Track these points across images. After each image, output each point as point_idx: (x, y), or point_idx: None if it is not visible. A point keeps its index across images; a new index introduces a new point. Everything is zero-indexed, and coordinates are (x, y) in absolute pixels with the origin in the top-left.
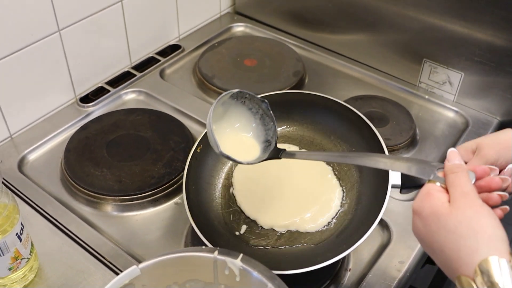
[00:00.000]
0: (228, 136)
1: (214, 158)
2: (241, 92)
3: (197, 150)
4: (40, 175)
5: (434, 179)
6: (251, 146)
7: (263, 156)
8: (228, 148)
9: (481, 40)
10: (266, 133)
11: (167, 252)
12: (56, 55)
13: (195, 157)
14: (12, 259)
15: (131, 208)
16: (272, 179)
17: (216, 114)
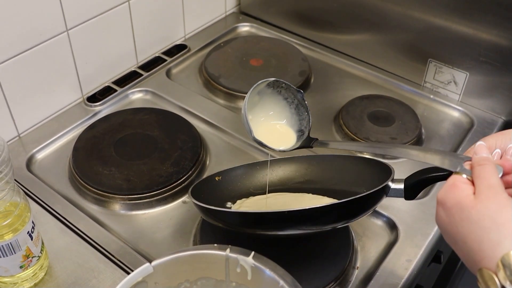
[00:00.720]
0: (262, 124)
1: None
2: (278, 81)
3: (215, 178)
4: (49, 174)
5: (460, 171)
6: (286, 133)
7: (296, 144)
8: (261, 134)
9: (486, 40)
10: (300, 123)
11: (180, 249)
12: (64, 54)
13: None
14: (24, 257)
15: (139, 206)
16: None
17: (251, 102)
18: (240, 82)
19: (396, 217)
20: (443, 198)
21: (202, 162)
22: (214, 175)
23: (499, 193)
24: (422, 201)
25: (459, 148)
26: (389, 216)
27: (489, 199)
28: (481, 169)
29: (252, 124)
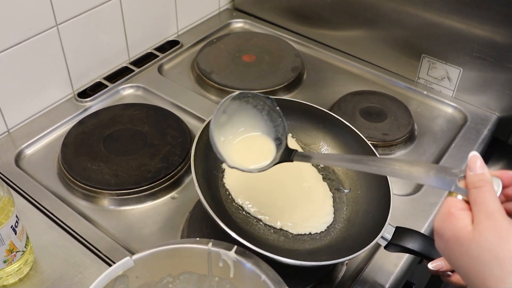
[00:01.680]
0: (237, 144)
1: None
2: (242, 93)
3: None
4: (37, 170)
5: (455, 190)
6: (263, 144)
7: (276, 157)
8: (238, 155)
9: (479, 36)
10: (276, 129)
11: (161, 243)
12: (54, 50)
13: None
14: (7, 252)
15: (127, 202)
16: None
17: (219, 123)
18: (232, 78)
19: None
20: (440, 229)
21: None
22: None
23: (499, 221)
24: (413, 197)
25: (452, 144)
26: None
27: (489, 230)
28: (478, 193)
29: (226, 146)
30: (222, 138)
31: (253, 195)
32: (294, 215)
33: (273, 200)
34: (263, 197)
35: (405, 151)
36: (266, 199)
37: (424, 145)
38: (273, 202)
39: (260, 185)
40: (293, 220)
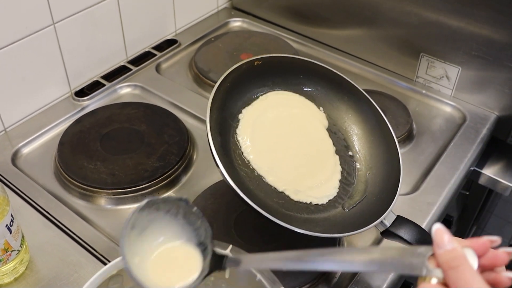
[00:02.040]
0: (156, 258)
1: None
2: (150, 201)
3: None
4: (34, 169)
5: (428, 274)
6: (186, 256)
7: (205, 267)
8: (158, 274)
9: (478, 34)
10: (197, 233)
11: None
12: (51, 48)
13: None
14: (2, 251)
15: (124, 201)
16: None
17: (130, 241)
18: None
19: None
20: None
21: (188, 156)
22: (254, 60)
23: None
24: (411, 196)
25: (451, 143)
26: None
27: None
28: (457, 274)
29: (143, 267)
30: (136, 258)
31: (263, 152)
32: (299, 181)
33: (282, 161)
34: (273, 156)
35: (404, 150)
36: (275, 158)
37: (422, 144)
38: (282, 163)
39: (273, 142)
40: (297, 186)
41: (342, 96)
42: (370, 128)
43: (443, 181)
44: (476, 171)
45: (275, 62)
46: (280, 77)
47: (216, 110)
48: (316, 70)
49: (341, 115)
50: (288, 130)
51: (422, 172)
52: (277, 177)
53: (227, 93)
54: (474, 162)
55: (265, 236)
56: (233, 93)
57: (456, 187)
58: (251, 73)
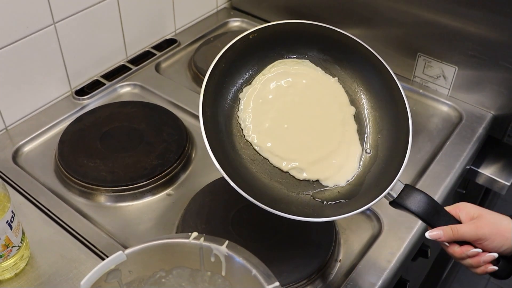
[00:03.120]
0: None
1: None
2: None
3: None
4: (34, 167)
5: None
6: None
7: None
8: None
9: (474, 34)
10: None
11: (153, 238)
12: (51, 48)
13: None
14: (3, 247)
15: (123, 198)
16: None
17: None
18: None
19: (380, 210)
20: None
21: (187, 155)
22: (248, 34)
23: None
24: None
25: (447, 142)
26: (373, 209)
27: None
28: None
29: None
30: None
31: (265, 131)
32: (305, 158)
33: (286, 138)
34: (275, 134)
35: None
36: (278, 136)
37: (419, 143)
38: (286, 140)
39: (275, 119)
40: (303, 164)
41: (347, 58)
42: (378, 88)
43: (439, 179)
44: (473, 170)
45: (271, 31)
46: (280, 47)
47: (212, 95)
48: (317, 32)
49: (347, 79)
50: (292, 102)
51: (418, 171)
52: (280, 157)
53: (224, 75)
54: (470, 161)
55: (263, 232)
56: (231, 73)
57: (452, 186)
58: (248, 48)
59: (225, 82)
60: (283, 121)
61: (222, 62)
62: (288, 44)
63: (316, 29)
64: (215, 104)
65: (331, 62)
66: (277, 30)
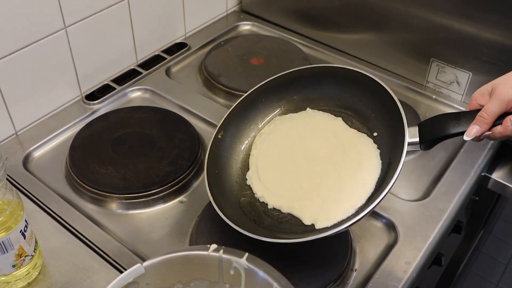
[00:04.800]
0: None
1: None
2: None
3: (218, 136)
4: (45, 172)
5: None
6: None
7: None
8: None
9: (489, 40)
10: None
11: (172, 250)
12: (62, 52)
13: (216, 143)
14: (16, 256)
15: (136, 206)
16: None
17: None
18: (240, 81)
19: (396, 219)
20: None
21: (200, 161)
22: (216, 134)
23: None
24: (423, 202)
25: (461, 149)
26: (389, 218)
27: None
28: None
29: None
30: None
31: (273, 190)
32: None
33: (291, 185)
34: (283, 191)
35: (414, 156)
36: (286, 192)
37: (433, 150)
38: (291, 187)
39: (280, 175)
40: (310, 212)
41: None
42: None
43: (454, 187)
44: (486, 176)
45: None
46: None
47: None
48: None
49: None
50: (296, 154)
51: (433, 178)
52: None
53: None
54: (485, 168)
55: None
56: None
57: (467, 193)
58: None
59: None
60: (287, 172)
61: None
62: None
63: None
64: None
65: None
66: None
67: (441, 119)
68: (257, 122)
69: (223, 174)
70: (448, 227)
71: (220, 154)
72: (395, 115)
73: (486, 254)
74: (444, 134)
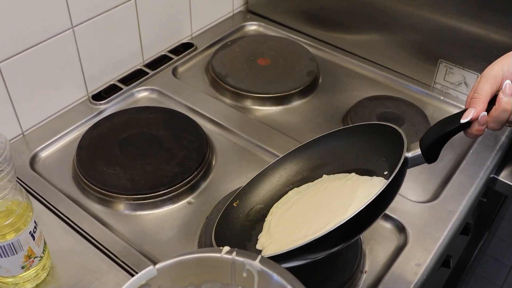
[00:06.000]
0: None
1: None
2: None
3: (233, 204)
4: (52, 173)
5: None
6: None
7: None
8: None
9: (498, 41)
10: None
11: (184, 252)
12: (69, 52)
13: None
14: (25, 258)
15: (143, 207)
16: None
17: None
18: (247, 81)
19: (405, 220)
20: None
21: (208, 162)
22: (231, 202)
23: None
24: (432, 204)
25: (470, 151)
26: (398, 219)
27: None
28: None
29: None
30: None
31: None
32: None
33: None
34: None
35: None
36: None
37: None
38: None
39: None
40: None
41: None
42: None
43: (463, 188)
44: (494, 178)
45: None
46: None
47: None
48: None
49: None
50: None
51: (441, 180)
52: None
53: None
54: (494, 170)
55: None
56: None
57: (476, 195)
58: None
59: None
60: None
61: None
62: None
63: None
64: None
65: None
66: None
67: (437, 123)
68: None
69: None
70: (458, 228)
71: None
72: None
73: (491, 255)
74: (443, 133)
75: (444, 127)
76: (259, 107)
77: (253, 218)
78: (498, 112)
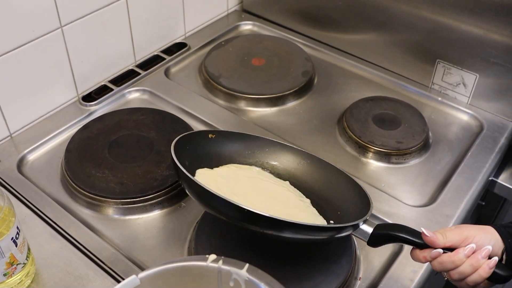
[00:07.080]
0: None
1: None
2: None
3: (209, 135)
4: (40, 176)
5: None
6: None
7: None
8: None
9: (497, 41)
10: None
11: (169, 260)
12: (58, 52)
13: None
14: (7, 265)
15: (133, 211)
16: None
17: None
18: (241, 82)
19: None
20: None
21: None
22: (209, 132)
23: None
24: (429, 208)
25: (468, 153)
26: None
27: None
28: None
29: None
30: None
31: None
32: None
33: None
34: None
35: (419, 159)
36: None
37: (439, 154)
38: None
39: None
40: None
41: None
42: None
43: (461, 192)
44: (493, 181)
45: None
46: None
47: None
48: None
49: None
50: (246, 190)
51: (439, 183)
52: None
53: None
54: (492, 172)
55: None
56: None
57: (475, 198)
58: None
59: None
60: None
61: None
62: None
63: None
64: None
65: None
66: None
67: (401, 226)
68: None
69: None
70: None
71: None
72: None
73: None
74: (399, 234)
75: (403, 230)
76: (253, 108)
77: (212, 154)
78: (449, 258)
